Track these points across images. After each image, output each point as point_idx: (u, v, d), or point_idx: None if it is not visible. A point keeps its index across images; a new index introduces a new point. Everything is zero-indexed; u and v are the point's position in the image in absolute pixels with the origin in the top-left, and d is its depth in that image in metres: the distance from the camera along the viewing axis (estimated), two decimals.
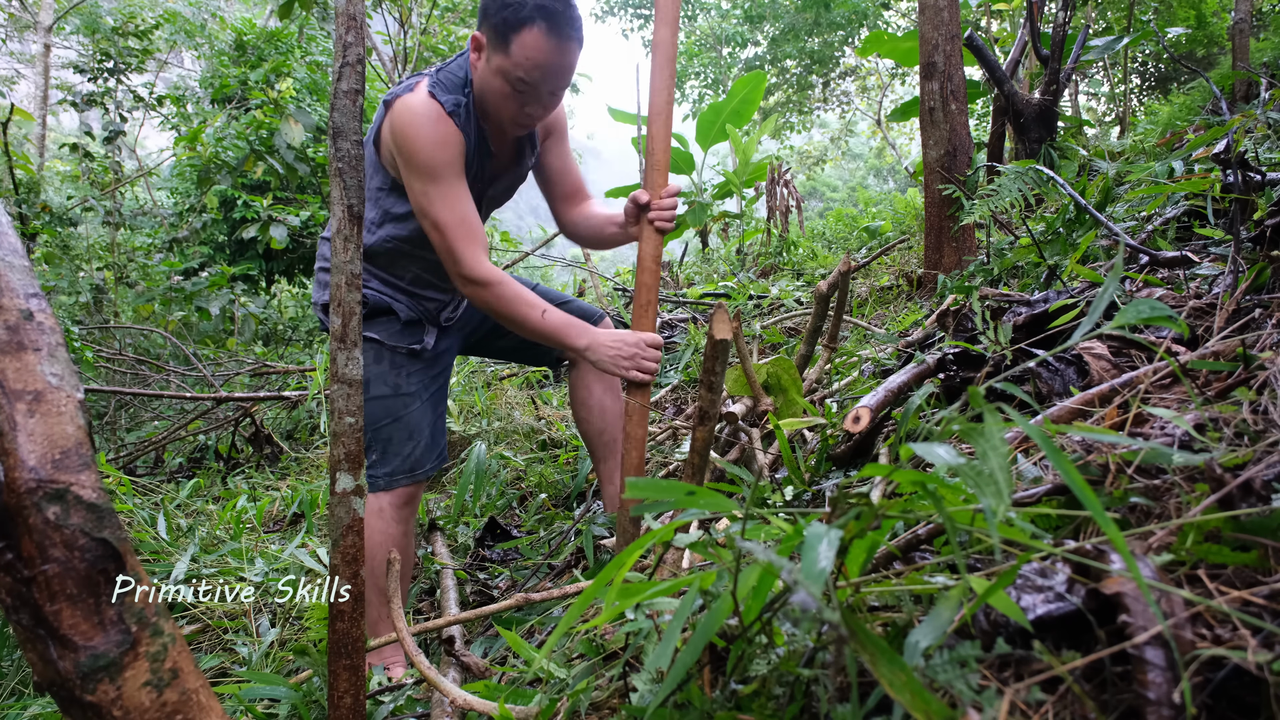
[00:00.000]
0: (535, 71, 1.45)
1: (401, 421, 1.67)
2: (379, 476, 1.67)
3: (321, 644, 1.32)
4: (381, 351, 1.67)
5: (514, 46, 1.43)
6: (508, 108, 1.52)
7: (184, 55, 12.43)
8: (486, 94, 1.52)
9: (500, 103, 1.51)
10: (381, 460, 1.67)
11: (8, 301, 0.69)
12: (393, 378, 1.67)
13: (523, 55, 1.43)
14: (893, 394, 1.51)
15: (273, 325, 7.47)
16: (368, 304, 1.66)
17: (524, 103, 1.51)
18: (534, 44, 1.42)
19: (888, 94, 15.17)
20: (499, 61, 1.46)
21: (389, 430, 1.67)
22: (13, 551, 0.64)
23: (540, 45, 1.43)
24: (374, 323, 1.67)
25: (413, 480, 1.69)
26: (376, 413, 1.66)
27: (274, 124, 6.99)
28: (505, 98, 1.50)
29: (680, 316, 4.18)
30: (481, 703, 0.97)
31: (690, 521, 0.98)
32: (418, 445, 1.69)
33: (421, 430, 1.70)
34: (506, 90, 1.48)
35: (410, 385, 1.69)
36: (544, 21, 1.41)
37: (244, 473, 3.67)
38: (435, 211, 1.51)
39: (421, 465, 1.70)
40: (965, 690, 0.51)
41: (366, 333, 1.65)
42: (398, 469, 1.67)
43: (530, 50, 1.43)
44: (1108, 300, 0.65)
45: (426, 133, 1.47)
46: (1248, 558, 0.58)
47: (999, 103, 4.22)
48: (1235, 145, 1.64)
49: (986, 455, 0.50)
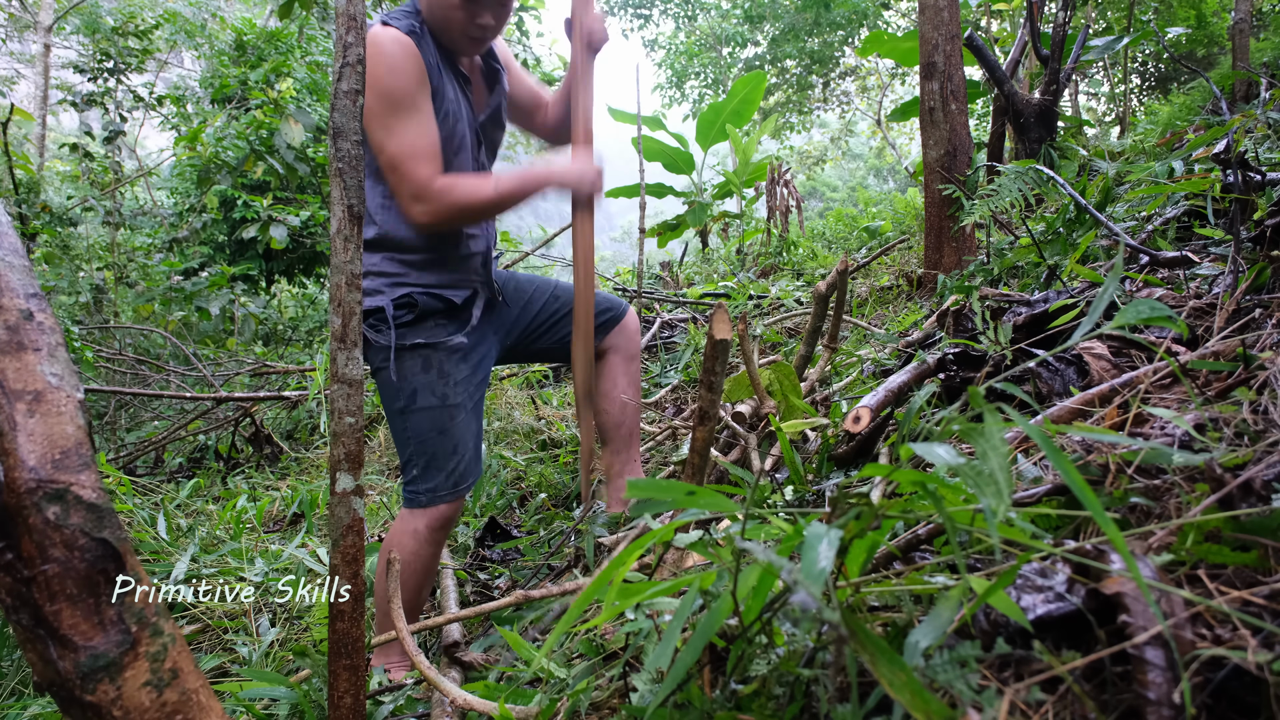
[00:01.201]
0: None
1: (448, 434, 1.58)
2: (420, 493, 1.57)
3: (322, 645, 1.32)
4: (430, 358, 1.58)
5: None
6: (458, 19, 1.48)
7: (184, 55, 12.43)
8: (436, 11, 1.49)
9: (450, 15, 1.48)
10: (423, 476, 1.58)
11: (8, 301, 0.69)
12: (441, 387, 1.58)
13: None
14: (893, 394, 1.51)
15: (273, 325, 7.47)
16: (417, 305, 1.57)
17: (474, 13, 1.48)
18: None
19: (888, 94, 15.17)
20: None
21: (435, 444, 1.57)
22: (13, 551, 0.64)
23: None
24: (420, 327, 1.58)
25: (455, 496, 1.60)
26: (422, 426, 1.57)
27: (274, 124, 7.00)
28: (453, 9, 1.47)
29: (680, 316, 4.18)
30: (482, 703, 0.97)
31: (690, 521, 0.98)
32: (462, 459, 1.60)
33: (466, 443, 1.62)
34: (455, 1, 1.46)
35: (457, 395, 1.60)
36: None
37: (244, 473, 3.67)
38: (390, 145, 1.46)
39: (465, 480, 1.61)
40: (965, 690, 0.51)
41: (415, 339, 1.57)
42: (440, 485, 1.58)
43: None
44: (1108, 300, 0.65)
45: (382, 61, 1.43)
46: (1248, 558, 0.58)
47: (999, 103, 4.22)
48: (1235, 145, 1.64)
49: (986, 455, 0.50)
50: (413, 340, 1.57)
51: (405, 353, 1.57)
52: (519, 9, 8.19)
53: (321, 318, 7.61)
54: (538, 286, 1.91)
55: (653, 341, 3.86)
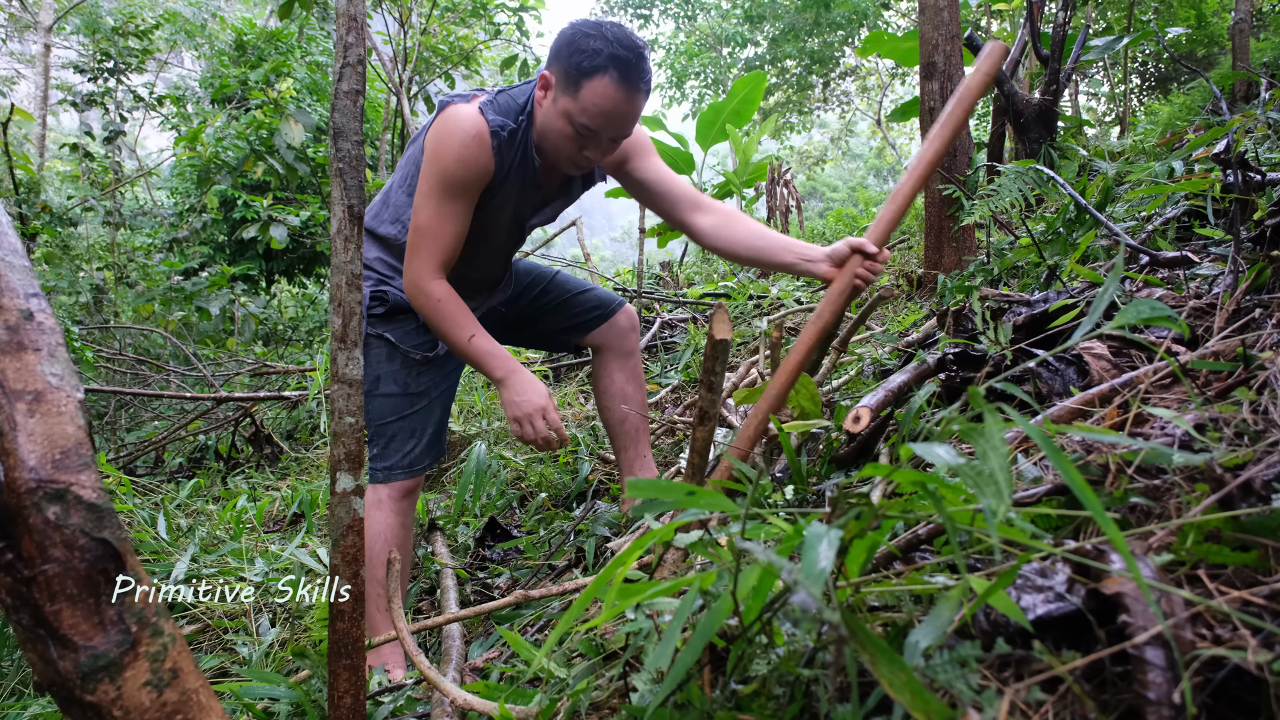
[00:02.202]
0: (600, 119, 1.46)
1: (406, 420, 1.69)
2: (378, 470, 1.69)
3: (321, 645, 1.32)
4: (395, 350, 1.69)
5: (583, 92, 1.44)
6: (566, 149, 1.53)
7: (184, 55, 12.43)
8: (548, 132, 1.53)
9: (560, 143, 1.52)
10: (382, 454, 1.69)
11: (8, 301, 0.69)
12: (403, 376, 1.69)
13: (591, 102, 1.44)
14: (893, 394, 1.51)
15: (273, 325, 7.47)
16: (389, 301, 1.67)
17: (583, 146, 1.51)
18: (604, 92, 1.43)
19: (888, 94, 15.17)
20: (566, 104, 1.47)
21: (393, 428, 1.69)
22: (13, 551, 0.64)
23: (609, 94, 1.43)
24: (392, 322, 1.68)
25: (409, 475, 1.71)
26: (383, 410, 1.68)
27: (274, 124, 7.00)
28: (566, 139, 1.51)
29: (680, 316, 4.18)
30: (482, 703, 0.97)
31: (691, 521, 0.98)
32: (419, 444, 1.71)
33: (425, 430, 1.72)
34: (569, 132, 1.49)
35: (419, 385, 1.71)
36: (616, 71, 1.42)
37: (244, 473, 3.67)
38: (423, 215, 1.53)
39: (420, 463, 1.72)
40: (965, 690, 0.51)
41: (383, 331, 1.67)
42: (396, 464, 1.69)
43: (599, 98, 1.43)
44: (1108, 300, 0.65)
45: (455, 146, 1.49)
46: (1248, 558, 0.58)
47: (999, 103, 4.22)
48: (1235, 145, 1.64)
49: (986, 455, 0.50)
50: (380, 331, 1.67)
51: (372, 340, 1.68)
52: (519, 9, 8.20)
53: (321, 318, 7.62)
54: (534, 277, 1.97)
55: (653, 341, 3.86)
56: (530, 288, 1.95)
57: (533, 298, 1.95)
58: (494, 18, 8.35)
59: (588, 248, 5.70)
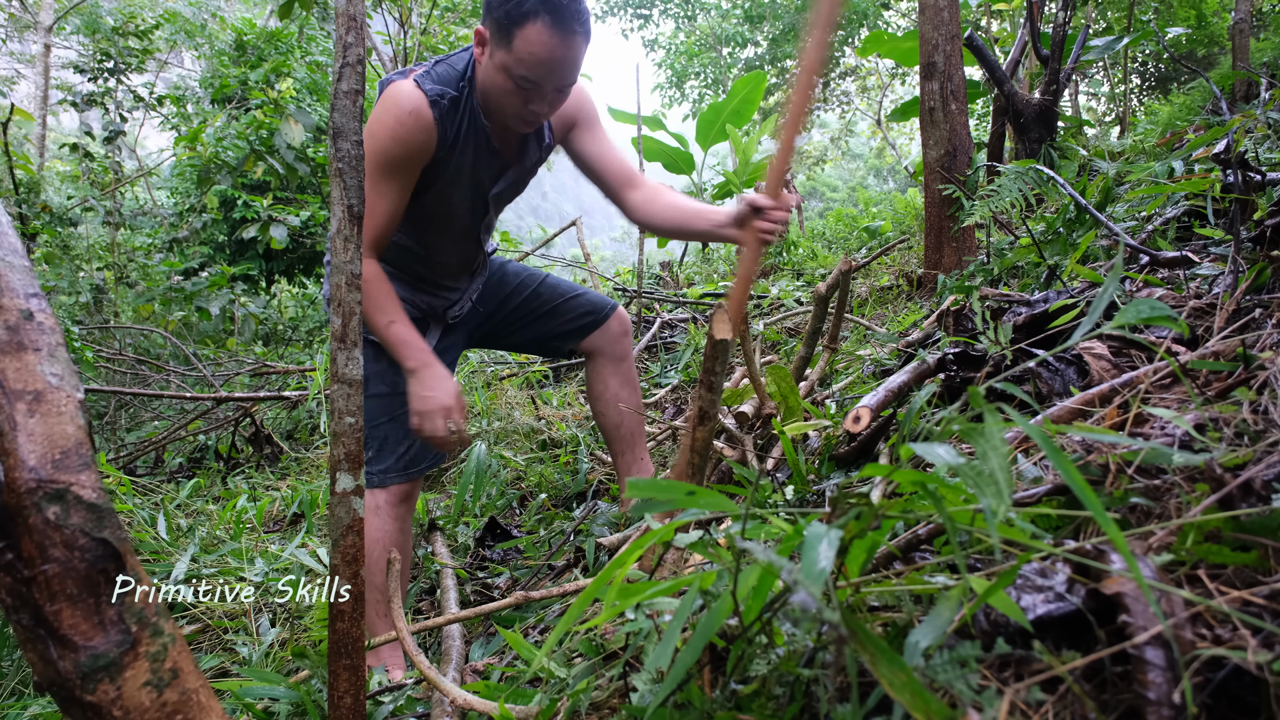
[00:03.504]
0: (539, 68, 1.41)
1: (398, 420, 1.66)
2: (374, 474, 1.67)
3: (321, 645, 1.32)
4: (381, 350, 1.65)
5: (517, 41, 1.39)
6: (511, 104, 1.48)
7: (184, 55, 12.43)
8: (489, 90, 1.49)
9: (503, 99, 1.47)
10: (376, 458, 1.67)
11: (8, 301, 0.69)
12: (391, 376, 1.66)
13: (526, 50, 1.39)
14: (893, 394, 1.51)
15: (273, 325, 7.47)
16: None
17: (528, 99, 1.47)
18: (537, 39, 1.38)
19: (888, 94, 15.16)
20: (501, 57, 1.42)
21: (385, 429, 1.66)
22: (13, 551, 0.64)
23: (544, 40, 1.38)
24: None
25: (406, 478, 1.68)
26: (374, 411, 1.66)
27: (274, 124, 7.00)
28: (508, 94, 1.46)
29: (680, 316, 4.18)
30: (482, 702, 0.97)
31: (691, 521, 0.98)
32: (413, 445, 1.68)
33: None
34: (510, 86, 1.45)
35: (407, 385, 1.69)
36: (548, 15, 1.37)
37: (244, 473, 3.67)
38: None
39: (416, 464, 1.69)
40: (965, 690, 0.51)
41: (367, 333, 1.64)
42: (391, 467, 1.67)
43: (534, 45, 1.39)
44: (1108, 300, 0.65)
45: (390, 122, 1.45)
46: (1248, 558, 0.58)
47: (999, 103, 4.22)
48: (1235, 145, 1.64)
49: (987, 455, 0.50)
50: (365, 332, 1.62)
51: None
52: None
53: (321, 318, 7.61)
54: (522, 280, 1.94)
55: (653, 341, 3.86)
56: (519, 291, 1.92)
57: (522, 301, 1.91)
58: None
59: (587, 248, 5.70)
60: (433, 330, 1.73)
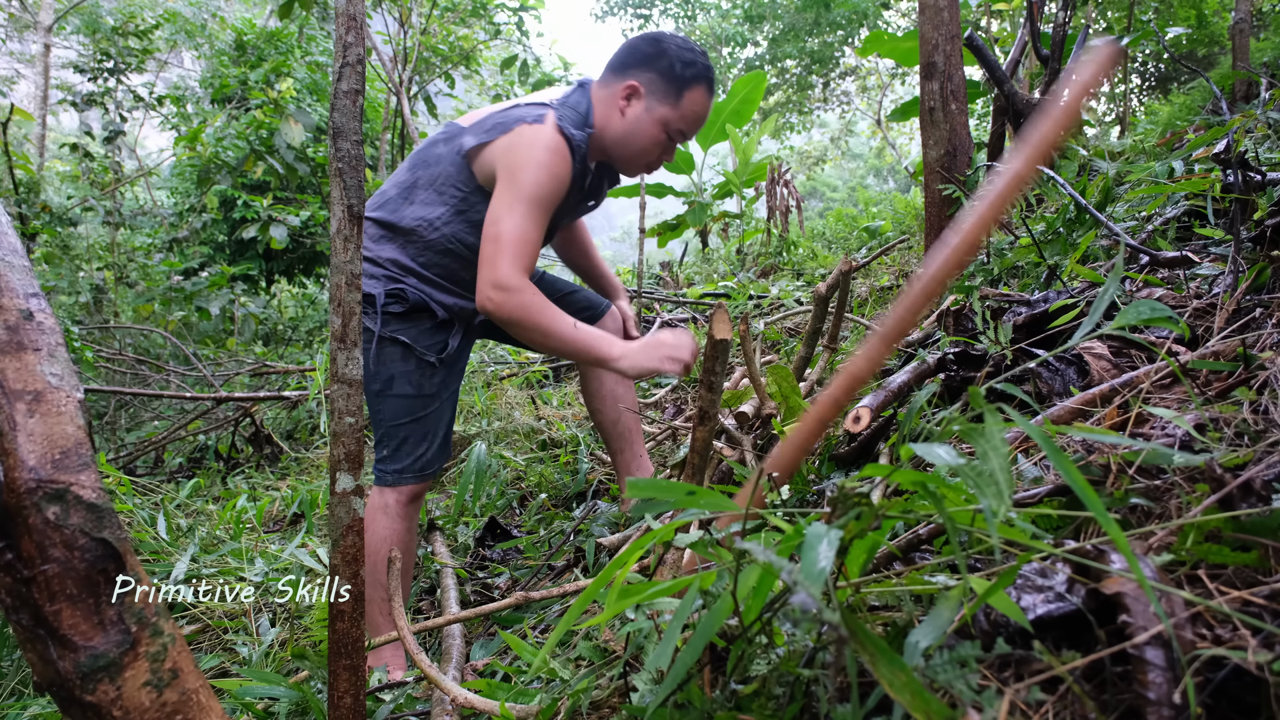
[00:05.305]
0: (696, 124, 1.60)
1: (420, 422, 1.68)
2: (387, 473, 1.67)
3: (321, 645, 1.32)
4: (409, 351, 1.67)
5: (685, 101, 1.56)
6: (653, 153, 1.63)
7: (184, 55, 12.43)
8: (635, 138, 1.61)
9: (649, 148, 1.62)
10: (393, 457, 1.67)
11: (8, 301, 0.69)
12: (417, 378, 1.67)
13: (690, 110, 1.57)
14: (893, 394, 1.51)
15: (273, 325, 7.47)
16: (408, 300, 1.65)
17: (667, 150, 1.63)
18: (700, 100, 1.58)
19: (888, 94, 15.17)
20: (664, 112, 1.58)
21: (406, 430, 1.67)
22: (13, 551, 0.64)
23: (704, 102, 1.58)
24: (408, 322, 1.66)
25: (420, 479, 1.69)
26: (396, 411, 1.66)
27: (274, 124, 7.00)
28: (656, 144, 1.61)
29: (680, 316, 4.18)
30: (482, 701, 0.97)
31: (690, 521, 0.98)
32: (430, 447, 1.70)
33: (437, 432, 1.71)
34: (662, 139, 1.60)
35: (432, 387, 1.69)
36: (707, 81, 1.57)
37: (244, 473, 3.67)
38: (507, 224, 1.50)
39: (431, 466, 1.71)
40: (965, 690, 0.51)
41: (397, 333, 1.65)
42: (408, 467, 1.67)
43: (697, 106, 1.58)
44: (1108, 300, 0.65)
45: (546, 164, 1.51)
46: (1248, 558, 0.58)
47: (999, 103, 4.22)
48: (1235, 145, 1.64)
49: (987, 455, 0.50)
50: (394, 333, 1.65)
51: (386, 341, 1.66)
52: (519, 9, 8.20)
53: (321, 318, 7.61)
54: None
55: None
56: None
57: None
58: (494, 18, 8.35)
59: None
60: (456, 331, 1.74)
